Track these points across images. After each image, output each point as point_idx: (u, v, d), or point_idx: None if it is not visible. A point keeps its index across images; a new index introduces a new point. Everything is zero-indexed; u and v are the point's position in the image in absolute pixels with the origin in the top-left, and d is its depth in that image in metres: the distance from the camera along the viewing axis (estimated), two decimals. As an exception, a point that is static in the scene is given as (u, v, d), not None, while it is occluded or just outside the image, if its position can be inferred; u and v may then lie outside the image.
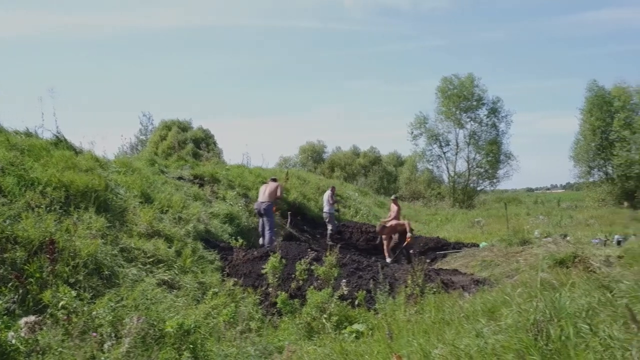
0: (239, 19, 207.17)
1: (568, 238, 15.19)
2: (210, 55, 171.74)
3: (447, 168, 47.60)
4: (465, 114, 45.84)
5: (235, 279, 9.40)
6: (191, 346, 5.67)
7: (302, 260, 9.29)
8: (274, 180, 15.20)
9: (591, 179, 42.56)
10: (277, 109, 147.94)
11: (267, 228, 13.91)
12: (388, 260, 14.84)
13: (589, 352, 3.51)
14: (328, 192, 18.30)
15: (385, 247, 15.53)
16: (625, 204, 34.55)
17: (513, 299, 5.14)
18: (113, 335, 5.42)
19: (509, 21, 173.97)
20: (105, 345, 5.20)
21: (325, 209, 18.12)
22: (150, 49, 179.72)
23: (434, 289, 7.87)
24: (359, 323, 7.31)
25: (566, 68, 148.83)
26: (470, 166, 46.86)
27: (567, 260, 10.16)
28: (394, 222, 15.74)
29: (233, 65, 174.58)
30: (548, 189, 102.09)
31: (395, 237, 15.58)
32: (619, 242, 15.38)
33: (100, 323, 5.63)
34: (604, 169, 41.33)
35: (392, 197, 17.61)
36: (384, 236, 15.60)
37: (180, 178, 15.77)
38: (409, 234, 15.05)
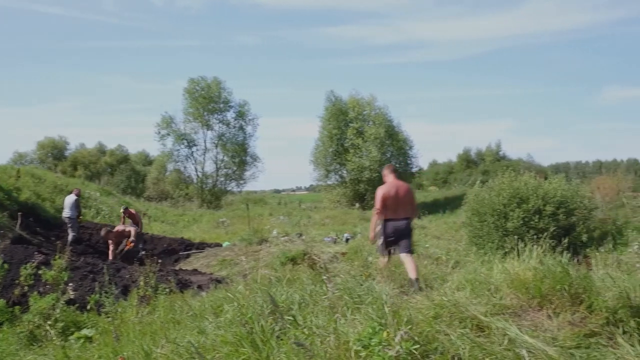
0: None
1: (303, 237, 16.24)
2: None
3: (196, 169, 47.77)
4: (212, 116, 46.48)
5: (-55, 289, 8.41)
6: None
7: (28, 265, 8.63)
8: None
9: (329, 182, 45.80)
10: (12, 99, 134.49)
11: None
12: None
13: (295, 340, 3.84)
14: (72, 197, 16.93)
15: (110, 250, 15.05)
16: (357, 205, 37.82)
17: (236, 296, 5.40)
18: None
19: (262, 28, 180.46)
20: None
21: (68, 213, 16.61)
22: None
23: (168, 290, 7.89)
24: (88, 328, 7.04)
25: (313, 77, 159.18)
26: (218, 167, 47.64)
27: (297, 258, 10.90)
28: (120, 227, 15.45)
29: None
30: (293, 191, 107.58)
31: (126, 242, 15.22)
32: (347, 240, 16.91)
33: None
34: (339, 172, 44.75)
35: (122, 208, 17.48)
36: (109, 241, 15.13)
37: None
38: (132, 239, 14.88)
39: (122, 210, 17.19)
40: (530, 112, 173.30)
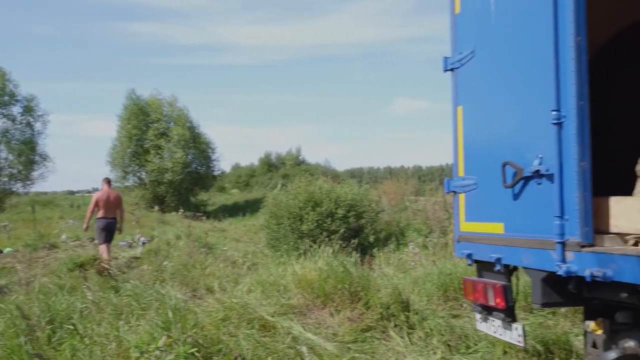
0: None
1: (96, 241, 15.48)
2: None
3: (-24, 168, 43.18)
4: (-5, 110, 42.36)
5: None
6: None
7: None
8: None
9: (127, 184, 43.97)
10: None
11: None
12: None
13: (72, 350, 3.67)
14: None
15: None
16: (156, 207, 36.85)
17: (9, 307, 4.99)
18: None
19: (57, 19, 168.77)
20: None
21: None
22: None
23: None
24: None
25: (111, 73, 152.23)
26: (1, 166, 43.48)
27: (87, 263, 10.39)
28: None
29: None
30: (89, 192, 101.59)
31: None
32: (143, 244, 16.40)
33: None
34: (138, 174, 43.20)
35: None
36: None
37: None
38: None
39: None
40: (329, 119, 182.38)
